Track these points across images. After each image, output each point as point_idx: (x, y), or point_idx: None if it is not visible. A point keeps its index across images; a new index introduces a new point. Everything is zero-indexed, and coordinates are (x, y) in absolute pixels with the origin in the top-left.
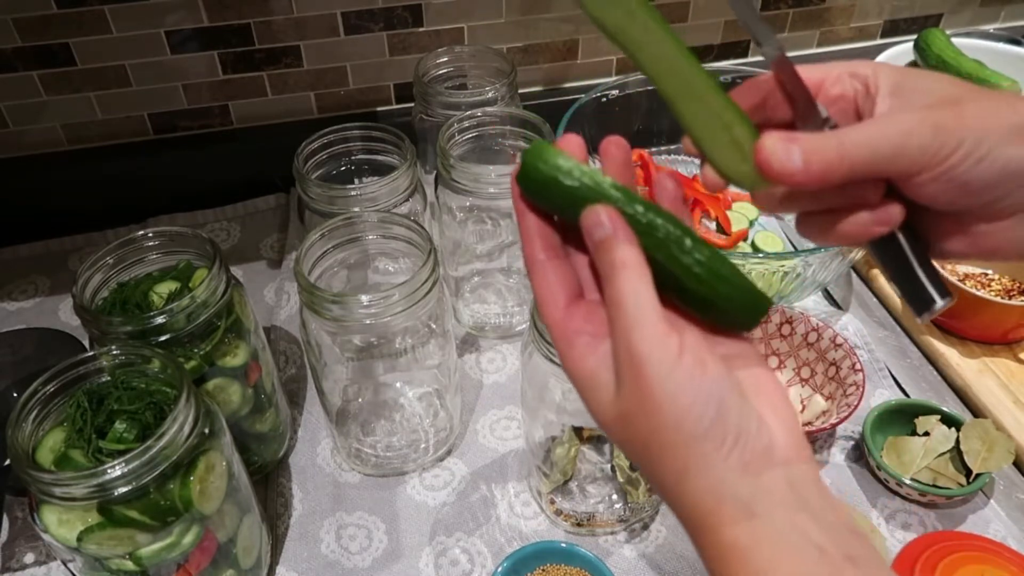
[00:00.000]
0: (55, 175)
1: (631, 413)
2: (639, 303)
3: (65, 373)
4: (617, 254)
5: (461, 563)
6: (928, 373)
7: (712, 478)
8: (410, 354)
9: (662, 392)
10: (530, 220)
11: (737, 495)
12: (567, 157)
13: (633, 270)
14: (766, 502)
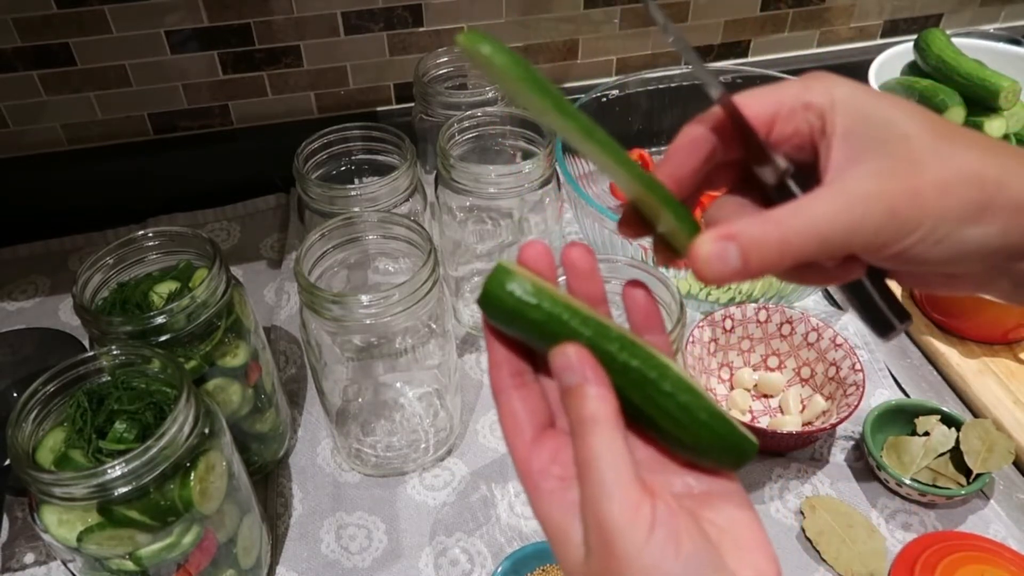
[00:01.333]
0: (55, 175)
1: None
2: (611, 467)
3: (65, 373)
4: (587, 408)
5: (461, 563)
6: (928, 373)
7: None
8: (410, 354)
9: (630, 567)
10: (497, 347)
11: None
12: (531, 285)
13: (605, 427)
14: None
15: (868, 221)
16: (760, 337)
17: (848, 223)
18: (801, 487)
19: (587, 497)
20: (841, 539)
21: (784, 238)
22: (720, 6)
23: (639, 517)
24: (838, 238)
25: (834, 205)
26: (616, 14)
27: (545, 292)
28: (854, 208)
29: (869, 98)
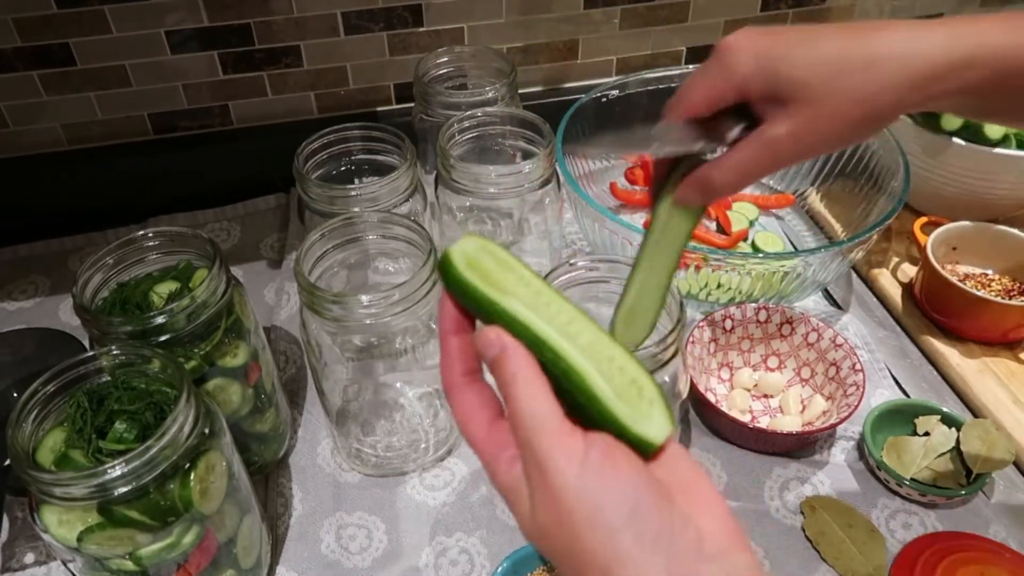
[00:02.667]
0: (55, 175)
1: (548, 523)
2: (535, 410)
3: (65, 373)
4: (508, 368)
5: (461, 563)
6: (928, 373)
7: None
8: (410, 354)
9: (570, 495)
10: (451, 343)
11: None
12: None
13: (525, 379)
14: None
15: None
16: (760, 337)
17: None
18: (801, 487)
19: (521, 443)
20: (841, 539)
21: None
22: (720, 6)
23: (571, 449)
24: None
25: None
26: (616, 14)
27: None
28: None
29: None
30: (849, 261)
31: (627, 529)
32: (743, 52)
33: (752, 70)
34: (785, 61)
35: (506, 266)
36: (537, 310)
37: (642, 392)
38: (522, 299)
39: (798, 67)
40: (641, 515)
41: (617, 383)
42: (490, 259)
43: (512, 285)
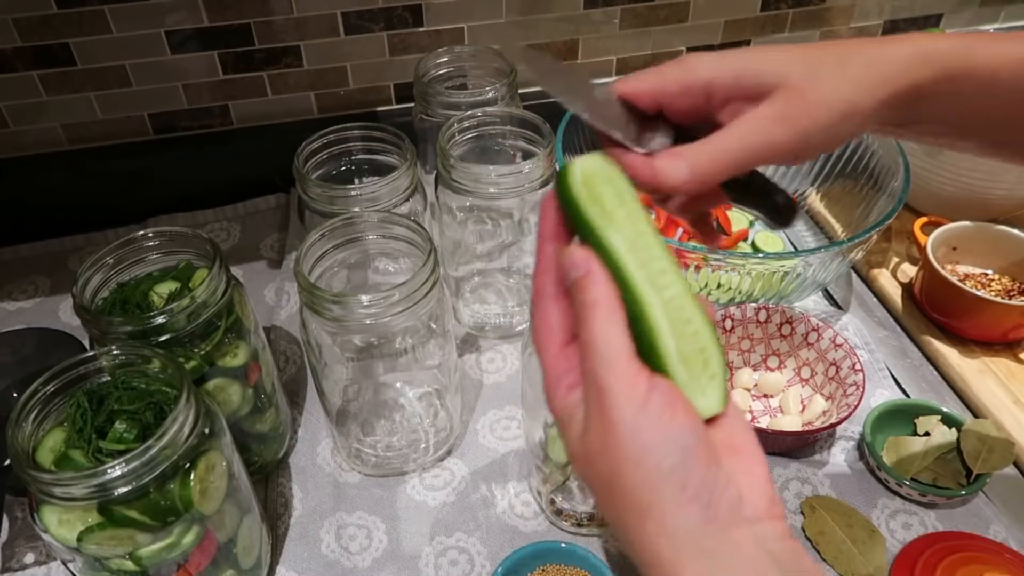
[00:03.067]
0: (55, 175)
1: (596, 451)
2: (608, 342)
3: (65, 373)
4: (589, 294)
5: (461, 563)
6: (928, 373)
7: (672, 524)
8: (410, 354)
9: (624, 430)
10: (548, 250)
11: (698, 546)
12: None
13: (604, 309)
14: (731, 558)
15: (775, 136)
16: (760, 337)
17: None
18: (801, 487)
19: (587, 370)
20: (841, 539)
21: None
22: (720, 6)
23: (635, 387)
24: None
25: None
26: (616, 14)
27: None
28: (763, 125)
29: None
30: (849, 261)
31: (671, 476)
32: (704, 58)
33: (717, 70)
34: (755, 59)
35: (620, 198)
36: (635, 251)
37: (707, 364)
38: (624, 235)
39: (772, 62)
40: (687, 466)
41: (685, 347)
42: (607, 185)
43: (620, 218)
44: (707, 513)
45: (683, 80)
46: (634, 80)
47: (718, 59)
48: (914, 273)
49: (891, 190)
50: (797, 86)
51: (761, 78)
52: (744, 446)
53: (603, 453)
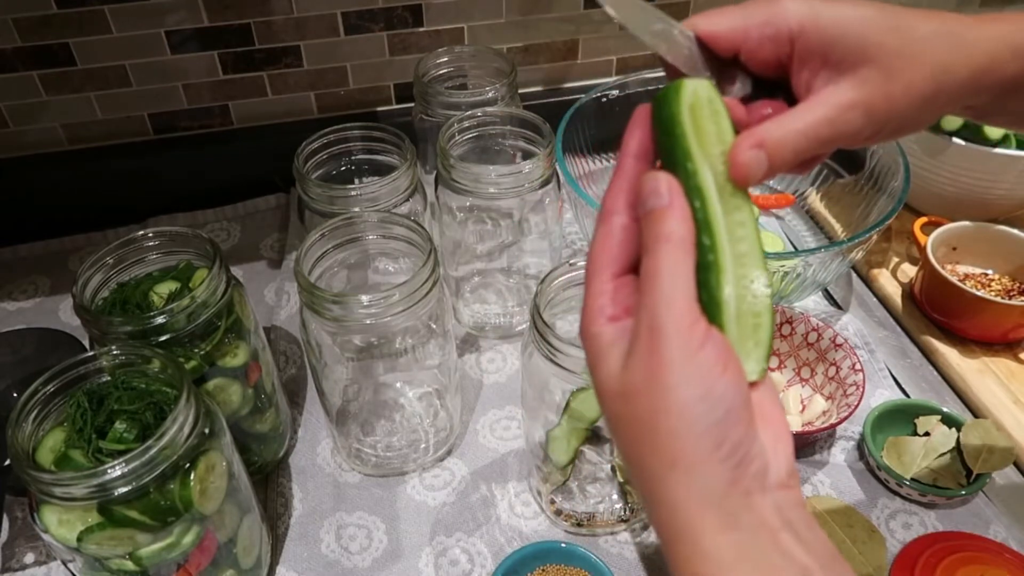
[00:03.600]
0: (55, 175)
1: (635, 390)
2: (675, 281)
3: (65, 373)
4: (665, 226)
5: (461, 563)
6: (928, 373)
7: (700, 480)
8: (410, 354)
9: (674, 374)
10: (629, 166)
11: (723, 506)
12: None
13: (678, 247)
14: (752, 519)
15: (851, 124)
16: None
17: (837, 125)
18: (801, 487)
19: (645, 304)
20: (841, 539)
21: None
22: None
23: (692, 333)
24: (828, 136)
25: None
26: None
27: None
28: (841, 114)
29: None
30: (849, 261)
31: (709, 432)
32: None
33: (806, 20)
34: (848, 19)
35: (720, 135)
36: (722, 194)
37: (758, 330)
38: (716, 174)
39: (867, 29)
40: (727, 426)
41: (743, 307)
42: (712, 117)
43: (715, 155)
44: (734, 475)
45: (768, 26)
46: (715, 17)
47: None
48: (914, 273)
49: (891, 190)
50: (885, 65)
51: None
52: (773, 414)
53: (645, 393)
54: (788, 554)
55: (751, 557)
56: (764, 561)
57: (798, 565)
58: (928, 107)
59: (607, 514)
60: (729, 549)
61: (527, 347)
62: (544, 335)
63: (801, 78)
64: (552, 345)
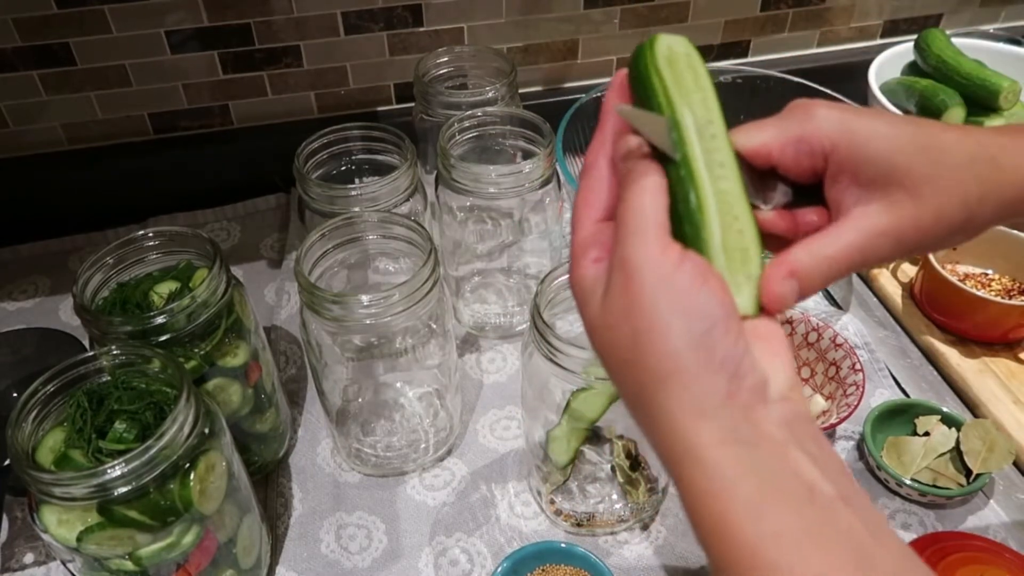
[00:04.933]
0: (55, 175)
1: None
2: (644, 215)
3: (65, 373)
4: (637, 168)
5: (461, 563)
6: (928, 373)
7: (693, 391)
8: (410, 354)
9: (651, 296)
10: (611, 121)
11: (720, 418)
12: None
13: (648, 189)
14: (754, 433)
15: (881, 251)
16: None
17: (867, 253)
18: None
19: (618, 239)
20: None
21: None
22: (720, 6)
23: (667, 255)
24: (858, 263)
25: (856, 238)
26: (616, 14)
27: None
28: (871, 241)
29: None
30: None
31: (698, 345)
32: (822, 109)
33: (838, 135)
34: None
35: (698, 82)
36: (701, 136)
37: (747, 263)
38: (695, 117)
39: (898, 149)
40: (715, 337)
41: (729, 241)
42: (688, 67)
43: (695, 101)
44: (729, 387)
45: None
46: (750, 133)
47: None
48: (914, 273)
49: None
50: (915, 191)
51: (881, 171)
52: (770, 333)
53: (626, 319)
54: (794, 470)
55: (755, 471)
56: (768, 476)
57: (804, 481)
58: (959, 234)
59: (607, 514)
60: (731, 463)
61: (527, 347)
62: (544, 335)
63: (832, 192)
64: (552, 345)
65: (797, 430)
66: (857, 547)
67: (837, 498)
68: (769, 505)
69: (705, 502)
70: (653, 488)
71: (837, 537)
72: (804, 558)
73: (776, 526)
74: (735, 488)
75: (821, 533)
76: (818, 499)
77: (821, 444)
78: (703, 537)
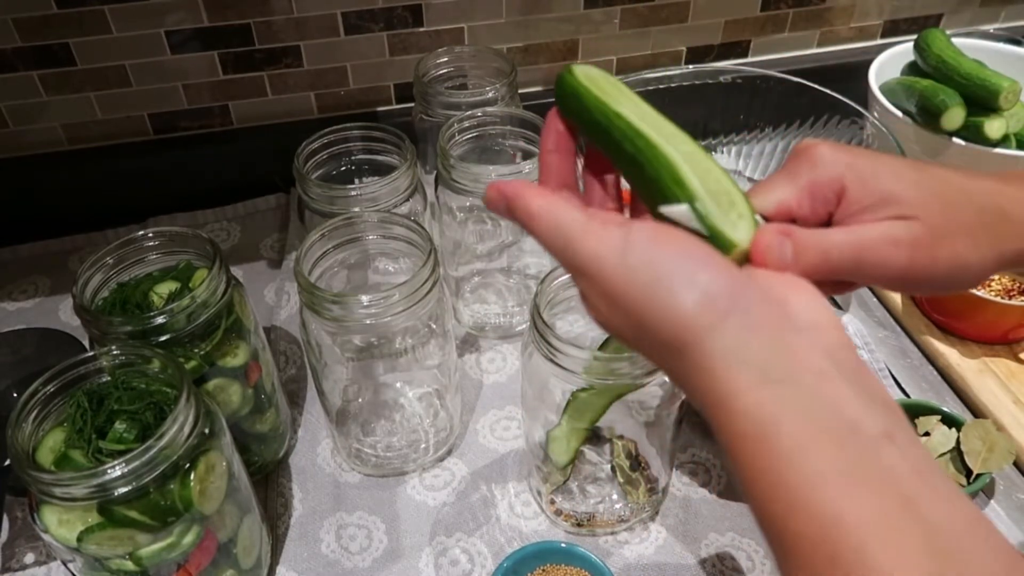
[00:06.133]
0: (55, 175)
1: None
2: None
3: (65, 373)
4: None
5: (461, 563)
6: (928, 373)
7: (712, 345)
8: (410, 354)
9: (620, 277)
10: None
11: (748, 359)
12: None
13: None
14: (788, 366)
15: (894, 261)
16: None
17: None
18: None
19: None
20: None
21: (826, 249)
22: (720, 6)
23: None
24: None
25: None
26: (616, 14)
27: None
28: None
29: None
30: None
31: (688, 295)
32: (826, 152)
33: (845, 175)
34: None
35: (622, 91)
36: (645, 119)
37: (733, 204)
38: (633, 110)
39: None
40: (704, 281)
41: (711, 188)
42: (607, 82)
43: (625, 101)
44: (746, 320)
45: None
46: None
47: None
48: None
49: None
50: (931, 225)
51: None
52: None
53: (616, 311)
54: (835, 406)
55: (792, 411)
56: (807, 416)
57: (846, 418)
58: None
59: (607, 514)
60: (769, 403)
61: (527, 347)
62: (544, 335)
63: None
64: (552, 345)
65: (838, 357)
66: (901, 489)
67: (881, 435)
68: (810, 445)
69: (745, 448)
70: (653, 488)
71: (881, 477)
72: (847, 500)
73: (818, 466)
74: (774, 431)
75: (864, 474)
76: (860, 438)
77: (862, 374)
78: (746, 484)
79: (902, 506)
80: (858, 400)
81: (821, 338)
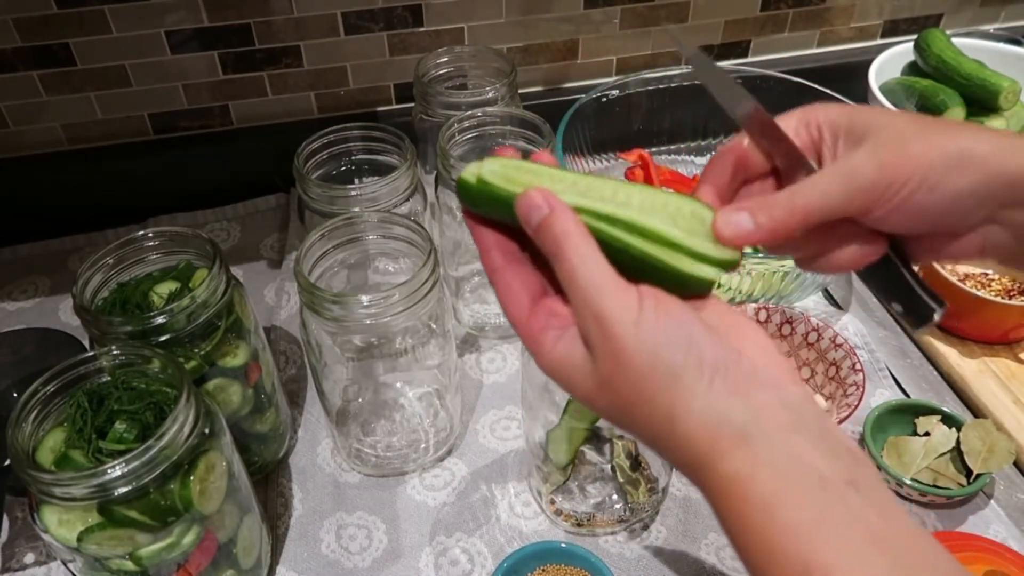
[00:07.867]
0: (55, 175)
1: (609, 376)
2: (591, 269)
3: (65, 373)
4: (557, 227)
5: (461, 563)
6: (928, 373)
7: (700, 410)
8: (410, 354)
9: (631, 343)
10: (483, 233)
11: (730, 419)
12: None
13: (577, 238)
14: (761, 423)
15: (859, 179)
16: None
17: (843, 180)
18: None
19: (578, 301)
20: None
21: (791, 200)
22: (720, 6)
23: (627, 301)
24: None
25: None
26: (616, 14)
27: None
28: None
29: (859, 110)
30: None
31: (686, 365)
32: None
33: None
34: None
35: (534, 172)
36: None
37: (704, 221)
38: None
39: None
40: (698, 350)
41: (683, 224)
42: (513, 170)
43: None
44: (728, 385)
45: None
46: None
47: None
48: None
49: None
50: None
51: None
52: (738, 324)
53: (617, 374)
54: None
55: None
56: (780, 470)
57: (814, 470)
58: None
59: (607, 514)
60: (745, 466)
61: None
62: None
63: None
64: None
65: (800, 411)
66: (867, 528)
67: (845, 483)
68: (784, 497)
69: (730, 505)
70: (653, 488)
71: (848, 521)
72: (819, 544)
73: (791, 516)
74: (750, 486)
75: (833, 520)
76: (828, 487)
77: (824, 425)
78: (731, 536)
79: (868, 542)
80: (820, 451)
81: (783, 394)
